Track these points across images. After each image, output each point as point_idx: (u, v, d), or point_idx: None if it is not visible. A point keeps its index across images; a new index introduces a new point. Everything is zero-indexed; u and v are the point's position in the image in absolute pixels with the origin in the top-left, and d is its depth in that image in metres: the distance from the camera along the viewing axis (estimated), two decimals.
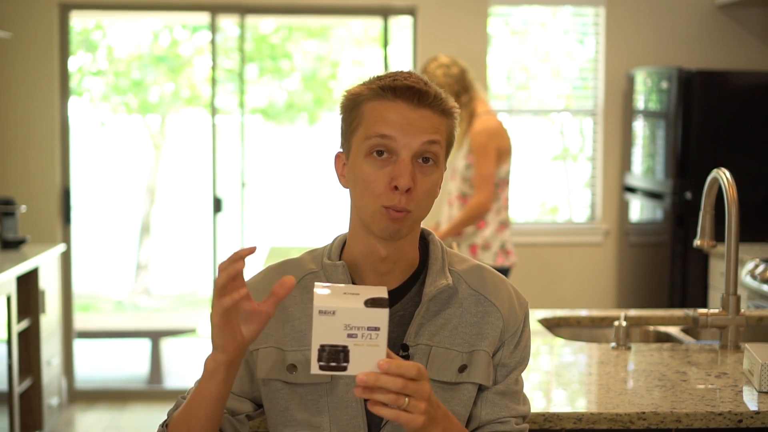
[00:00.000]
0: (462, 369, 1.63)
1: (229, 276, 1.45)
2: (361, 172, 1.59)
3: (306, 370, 1.62)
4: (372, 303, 1.39)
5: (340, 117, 1.65)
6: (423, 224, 1.70)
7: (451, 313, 1.65)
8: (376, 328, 1.38)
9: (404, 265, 1.65)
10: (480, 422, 1.66)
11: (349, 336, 1.38)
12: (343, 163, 1.66)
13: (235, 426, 1.68)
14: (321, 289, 1.43)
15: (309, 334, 1.64)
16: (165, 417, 1.72)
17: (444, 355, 1.63)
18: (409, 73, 1.62)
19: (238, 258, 1.45)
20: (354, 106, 1.61)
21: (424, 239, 1.72)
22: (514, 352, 1.68)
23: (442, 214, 4.49)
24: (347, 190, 1.66)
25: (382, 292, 1.41)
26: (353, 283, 1.65)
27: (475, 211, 4.22)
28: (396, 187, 1.56)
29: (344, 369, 1.39)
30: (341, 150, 1.66)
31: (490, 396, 1.66)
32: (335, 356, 1.39)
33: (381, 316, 1.38)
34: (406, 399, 1.41)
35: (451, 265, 1.69)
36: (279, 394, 1.65)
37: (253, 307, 1.49)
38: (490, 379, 1.65)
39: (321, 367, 1.39)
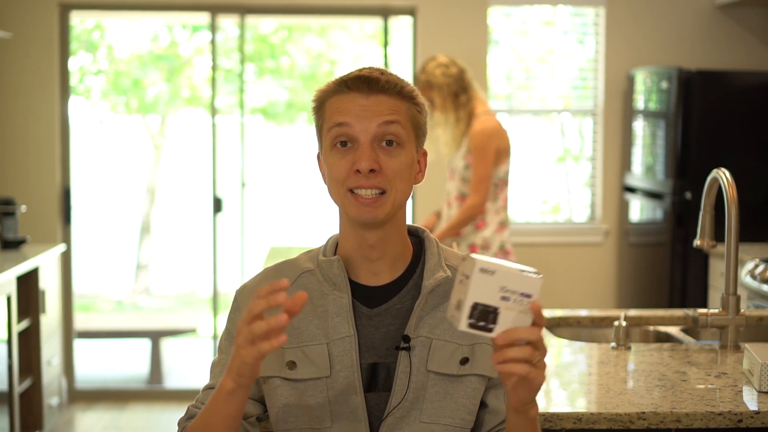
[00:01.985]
0: (464, 361, 1.65)
1: (268, 307, 1.42)
2: (328, 163, 1.65)
3: (305, 365, 1.63)
4: (529, 271, 1.41)
5: (314, 118, 1.70)
6: (419, 220, 1.72)
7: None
8: (529, 295, 1.40)
9: (394, 253, 1.68)
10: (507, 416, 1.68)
11: (503, 298, 1.40)
12: (322, 161, 1.70)
13: (247, 429, 1.69)
14: (474, 255, 1.44)
15: (307, 331, 1.66)
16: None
17: (444, 347, 1.65)
18: (371, 67, 1.67)
19: (279, 289, 1.42)
20: (319, 106, 1.68)
21: (419, 236, 1.74)
22: None
23: (441, 215, 4.49)
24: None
25: (533, 270, 1.43)
26: (348, 278, 1.67)
27: (470, 213, 4.21)
28: (358, 171, 1.60)
29: (490, 330, 1.41)
30: (319, 151, 1.71)
31: None
32: (485, 316, 1.40)
33: (536, 284, 1.40)
34: (537, 354, 1.43)
35: (447, 260, 1.71)
36: (278, 390, 1.66)
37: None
38: (496, 370, 1.66)
39: (470, 325, 1.41)
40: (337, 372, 1.63)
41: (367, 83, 1.62)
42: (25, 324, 4.48)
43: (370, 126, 1.61)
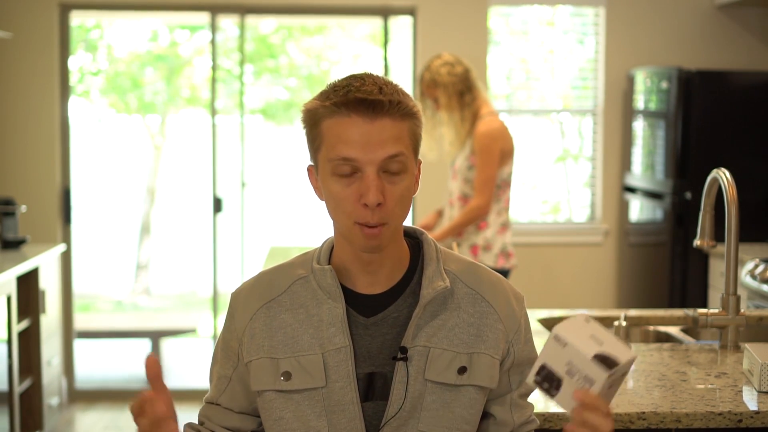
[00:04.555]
0: (462, 371, 1.63)
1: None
2: (329, 190, 1.59)
3: (301, 375, 1.62)
4: (601, 359, 1.41)
5: (303, 131, 1.63)
6: (420, 219, 1.71)
7: (448, 314, 1.65)
8: (592, 381, 1.42)
9: (392, 264, 1.65)
10: (514, 426, 1.70)
11: (567, 372, 1.43)
12: (316, 176, 1.64)
13: None
14: (576, 319, 1.46)
15: (302, 340, 1.63)
16: None
17: (442, 356, 1.62)
18: (362, 80, 1.57)
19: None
20: (313, 124, 1.59)
21: (417, 239, 1.71)
22: (524, 347, 1.69)
23: (443, 214, 4.49)
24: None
25: (623, 354, 1.43)
26: (342, 286, 1.64)
27: (473, 214, 4.21)
28: (366, 204, 1.55)
29: (553, 396, 1.45)
30: (312, 164, 1.65)
31: (517, 400, 1.71)
32: (549, 379, 1.45)
33: (600, 374, 1.41)
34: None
35: (446, 264, 1.68)
36: (273, 404, 1.64)
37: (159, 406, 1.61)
38: (495, 381, 1.65)
39: (535, 381, 1.46)
40: (333, 382, 1.61)
41: (372, 107, 1.53)
42: (25, 324, 4.48)
43: (376, 157, 1.54)
